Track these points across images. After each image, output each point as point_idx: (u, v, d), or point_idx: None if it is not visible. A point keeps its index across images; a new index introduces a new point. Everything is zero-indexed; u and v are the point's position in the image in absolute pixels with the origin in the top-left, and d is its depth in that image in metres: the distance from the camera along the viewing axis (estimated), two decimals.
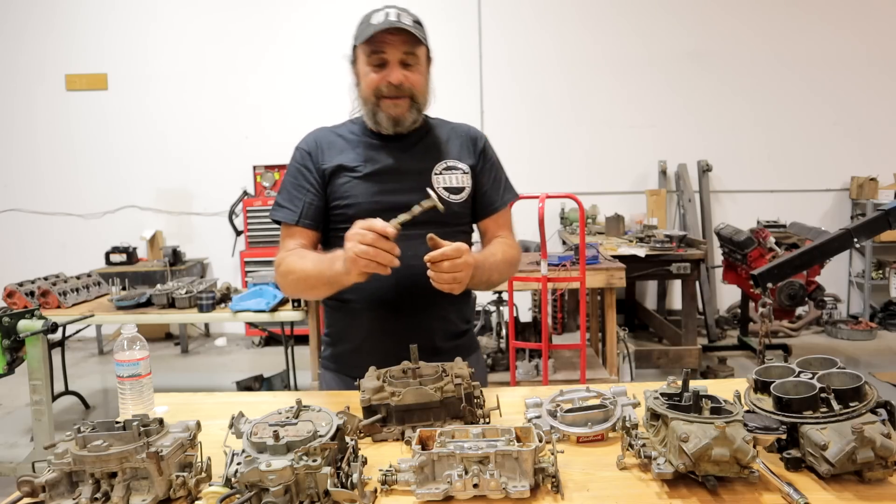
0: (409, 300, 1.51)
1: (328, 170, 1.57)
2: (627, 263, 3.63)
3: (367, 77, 1.52)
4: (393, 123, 1.53)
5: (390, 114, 1.52)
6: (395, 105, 1.51)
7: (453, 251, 1.34)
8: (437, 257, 1.33)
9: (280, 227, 1.62)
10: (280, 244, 1.63)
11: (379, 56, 1.49)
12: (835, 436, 0.97)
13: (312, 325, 3.72)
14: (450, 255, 1.33)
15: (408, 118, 1.54)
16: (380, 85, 1.50)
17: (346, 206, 1.55)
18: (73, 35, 5.84)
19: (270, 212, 1.64)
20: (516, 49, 5.74)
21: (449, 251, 1.33)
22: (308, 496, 0.91)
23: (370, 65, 1.51)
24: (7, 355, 2.68)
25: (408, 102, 1.52)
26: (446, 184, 1.57)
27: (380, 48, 1.48)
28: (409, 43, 1.49)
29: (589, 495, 0.98)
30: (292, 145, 1.67)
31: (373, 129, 1.59)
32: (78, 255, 5.57)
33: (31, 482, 0.94)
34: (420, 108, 1.56)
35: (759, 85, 5.76)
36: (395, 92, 1.50)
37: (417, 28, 1.50)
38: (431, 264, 1.34)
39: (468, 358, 1.63)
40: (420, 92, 1.54)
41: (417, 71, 1.53)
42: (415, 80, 1.52)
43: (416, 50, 1.51)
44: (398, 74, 1.49)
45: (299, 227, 1.58)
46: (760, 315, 3.60)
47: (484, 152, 1.66)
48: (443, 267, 1.34)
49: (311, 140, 1.63)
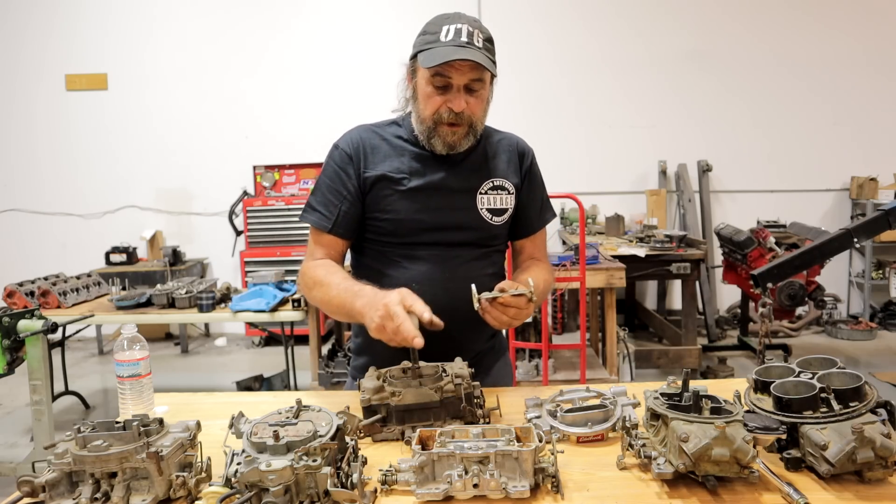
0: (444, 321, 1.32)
1: (370, 178, 1.47)
2: (627, 263, 3.64)
3: (428, 99, 1.41)
4: (448, 149, 1.46)
5: (447, 140, 1.44)
6: (452, 132, 1.43)
7: (524, 302, 1.30)
8: (508, 301, 1.29)
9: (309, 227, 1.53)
10: (308, 247, 1.54)
11: (443, 79, 1.38)
12: (835, 436, 0.97)
13: (312, 325, 3.72)
14: (520, 305, 1.30)
15: (463, 145, 1.46)
16: (441, 111, 1.41)
17: (386, 220, 1.48)
18: (73, 35, 5.84)
19: (302, 212, 1.54)
20: (516, 49, 5.74)
21: (521, 302, 1.30)
22: (308, 496, 0.91)
23: (432, 85, 1.40)
24: (7, 355, 2.67)
25: (465, 130, 1.44)
26: (490, 205, 1.51)
27: (445, 71, 1.37)
28: (477, 69, 1.38)
29: (589, 495, 0.98)
30: (292, 145, 1.65)
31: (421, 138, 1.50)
32: (78, 255, 5.58)
33: (31, 482, 0.94)
34: (476, 134, 1.47)
35: (759, 85, 5.76)
36: (455, 119, 1.41)
37: (488, 52, 1.40)
38: (492, 303, 1.30)
39: (497, 362, 1.63)
40: (479, 119, 1.46)
41: (481, 97, 1.43)
42: (476, 108, 1.43)
43: (484, 74, 1.40)
44: (461, 103, 1.39)
45: (331, 236, 1.49)
46: (760, 315, 3.60)
47: (530, 170, 1.59)
48: (508, 314, 1.31)
49: (354, 141, 1.51)
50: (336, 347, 4.00)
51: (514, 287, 1.30)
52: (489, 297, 1.29)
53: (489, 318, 1.31)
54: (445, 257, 1.48)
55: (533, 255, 1.62)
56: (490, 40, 1.42)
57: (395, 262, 1.50)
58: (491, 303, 1.29)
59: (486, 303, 1.30)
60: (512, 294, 1.29)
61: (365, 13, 5.68)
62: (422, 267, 1.48)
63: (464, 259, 1.50)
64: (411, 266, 1.48)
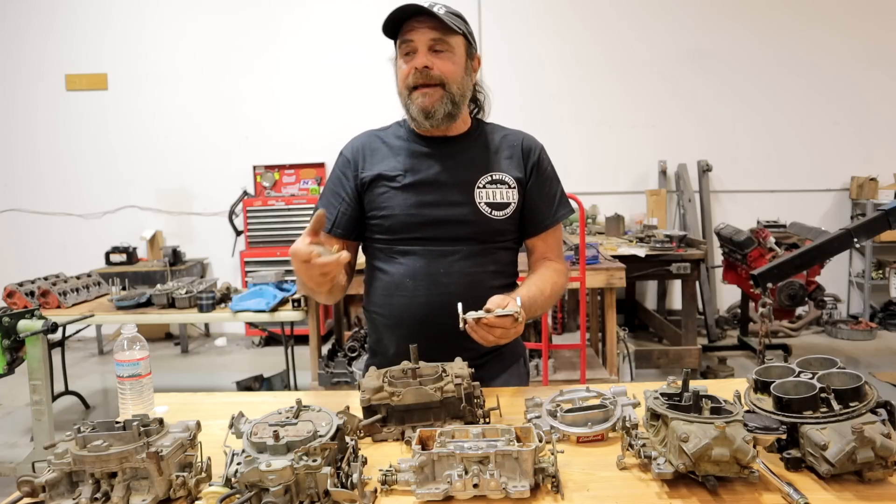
0: (440, 318, 1.38)
1: (367, 179, 1.50)
2: (627, 263, 3.63)
3: (400, 70, 1.45)
4: (423, 115, 1.43)
5: (419, 104, 1.42)
6: (423, 94, 1.41)
7: (510, 322, 1.25)
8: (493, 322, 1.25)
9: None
10: None
11: (408, 45, 1.41)
12: (835, 436, 0.97)
13: (312, 325, 3.72)
14: (505, 325, 1.26)
15: (439, 109, 1.42)
16: (409, 75, 1.41)
17: (382, 216, 1.50)
18: (73, 35, 5.84)
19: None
20: (516, 49, 5.74)
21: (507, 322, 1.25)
22: (308, 496, 0.91)
23: (401, 55, 1.44)
24: (7, 355, 2.67)
25: (439, 92, 1.41)
26: (488, 199, 1.48)
27: (408, 36, 1.41)
28: (438, 29, 1.40)
29: (589, 495, 0.98)
30: (292, 145, 1.67)
31: (417, 132, 1.52)
32: (78, 255, 5.58)
33: (31, 482, 0.94)
34: (454, 99, 1.44)
35: (759, 85, 5.76)
36: (423, 79, 1.40)
37: (450, 17, 1.41)
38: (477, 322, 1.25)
39: (510, 367, 1.59)
40: (453, 81, 1.42)
41: (449, 59, 1.42)
42: (445, 68, 1.41)
43: (449, 38, 1.42)
44: (423, 58, 1.40)
45: (332, 236, 1.53)
46: (760, 315, 3.60)
47: (538, 165, 1.54)
48: (494, 334, 1.27)
49: (355, 146, 1.56)
50: (336, 347, 4.00)
51: (503, 306, 1.27)
52: (475, 316, 1.26)
53: (476, 337, 1.28)
54: (442, 253, 1.46)
55: (545, 255, 1.57)
56: (456, 14, 1.44)
57: (391, 258, 1.51)
58: (477, 322, 1.26)
59: (473, 322, 1.26)
60: (497, 315, 1.26)
61: (365, 13, 5.68)
62: (417, 262, 1.48)
63: (462, 255, 1.47)
64: (406, 261, 1.49)
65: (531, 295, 1.42)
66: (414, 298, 1.46)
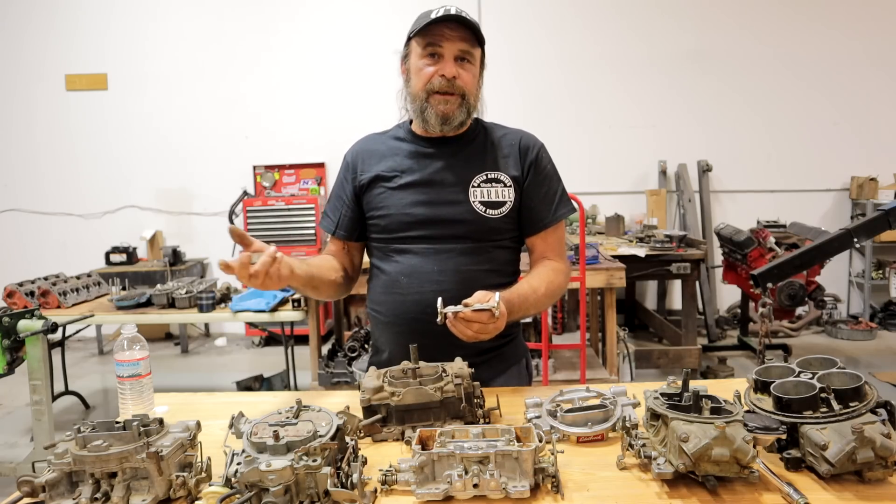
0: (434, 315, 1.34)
1: (365, 181, 1.54)
2: (627, 263, 3.63)
3: (420, 72, 1.46)
4: (441, 121, 1.46)
5: (439, 111, 1.45)
6: (444, 101, 1.45)
7: (487, 317, 1.25)
8: (470, 317, 1.25)
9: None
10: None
11: (435, 48, 1.44)
12: (835, 436, 0.97)
13: (312, 325, 3.72)
14: (482, 320, 1.25)
15: (456, 117, 1.47)
16: (433, 79, 1.44)
17: (379, 216, 1.53)
18: (73, 35, 5.84)
19: (321, 220, 1.70)
20: (516, 49, 5.74)
21: (483, 317, 1.25)
22: (308, 496, 0.91)
23: (424, 57, 1.45)
24: (7, 355, 2.67)
25: (458, 101, 1.46)
26: (483, 198, 1.49)
27: (437, 41, 1.43)
28: (467, 41, 1.44)
29: (589, 495, 0.98)
30: (292, 145, 1.70)
31: (418, 133, 1.55)
32: (78, 255, 5.57)
33: (31, 482, 0.94)
34: (469, 109, 1.49)
35: (759, 85, 5.76)
36: (446, 87, 1.44)
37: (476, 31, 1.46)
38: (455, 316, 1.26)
39: (511, 367, 1.60)
40: (471, 92, 1.48)
41: (471, 72, 1.47)
42: (467, 80, 1.46)
43: (474, 49, 1.46)
44: (452, 68, 1.43)
45: (335, 237, 1.62)
46: (760, 315, 3.60)
47: (536, 163, 1.54)
48: (472, 328, 1.27)
49: (355, 150, 1.61)
50: (336, 347, 4.00)
51: (484, 301, 1.27)
52: (453, 310, 1.26)
53: (455, 331, 1.28)
54: (436, 251, 1.47)
55: (545, 254, 1.56)
56: (477, 26, 1.47)
57: (388, 256, 1.53)
58: (455, 316, 1.26)
59: (452, 316, 1.26)
60: (474, 310, 1.26)
61: (365, 13, 5.68)
62: (412, 260, 1.49)
63: (456, 253, 1.48)
64: (402, 260, 1.50)
65: (521, 293, 1.43)
66: (408, 296, 1.47)
